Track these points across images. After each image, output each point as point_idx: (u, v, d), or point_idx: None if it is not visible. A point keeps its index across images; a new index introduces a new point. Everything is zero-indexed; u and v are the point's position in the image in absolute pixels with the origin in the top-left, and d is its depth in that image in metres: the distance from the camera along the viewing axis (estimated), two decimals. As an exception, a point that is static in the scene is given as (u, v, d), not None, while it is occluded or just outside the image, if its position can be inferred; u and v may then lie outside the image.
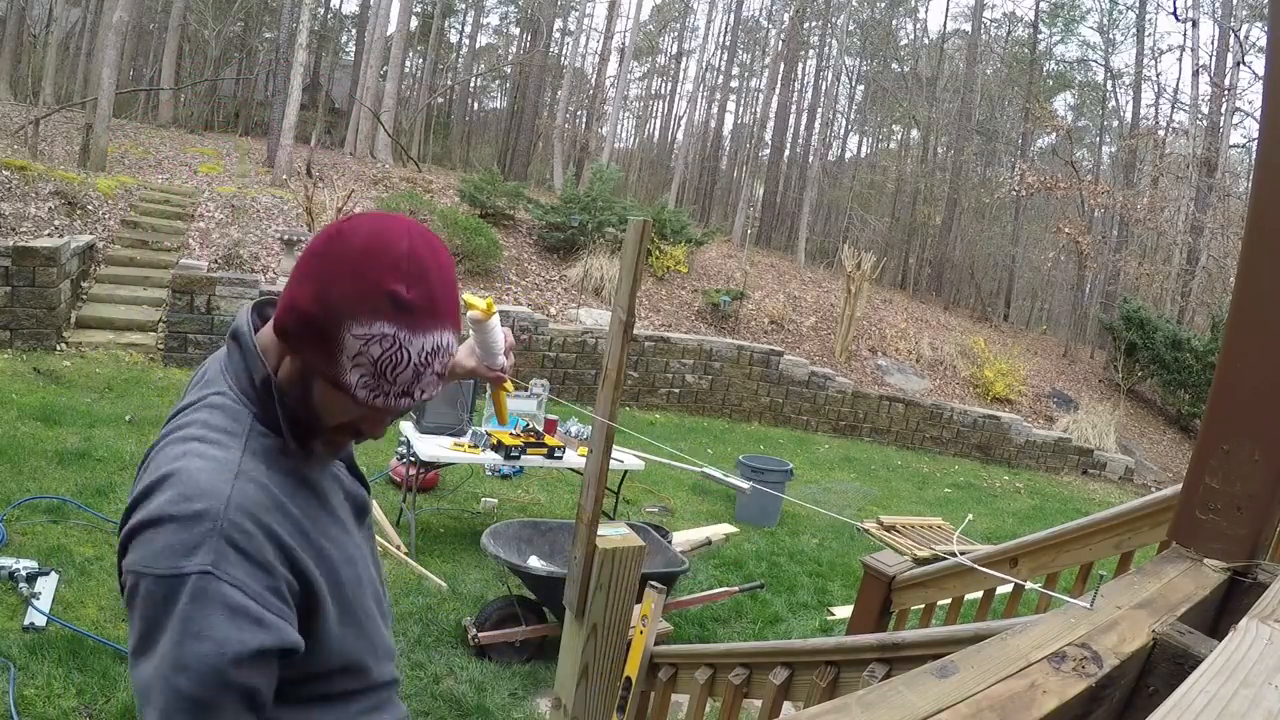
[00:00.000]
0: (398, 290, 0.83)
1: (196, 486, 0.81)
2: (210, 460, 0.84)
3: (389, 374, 0.85)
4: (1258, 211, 1.19)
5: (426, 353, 0.86)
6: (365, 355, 0.84)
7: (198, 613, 0.78)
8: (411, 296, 0.84)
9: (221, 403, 0.90)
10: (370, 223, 0.87)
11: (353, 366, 0.84)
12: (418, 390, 0.89)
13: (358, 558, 1.02)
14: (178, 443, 0.87)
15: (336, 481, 1.03)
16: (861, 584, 2.72)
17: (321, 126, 19.10)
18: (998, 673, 0.80)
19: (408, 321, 0.84)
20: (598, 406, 2.18)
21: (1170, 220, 18.82)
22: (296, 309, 0.85)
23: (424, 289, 0.85)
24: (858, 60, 27.86)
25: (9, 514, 3.90)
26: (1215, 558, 1.17)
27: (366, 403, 0.87)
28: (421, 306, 0.85)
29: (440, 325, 0.87)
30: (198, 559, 0.79)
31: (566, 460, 4.73)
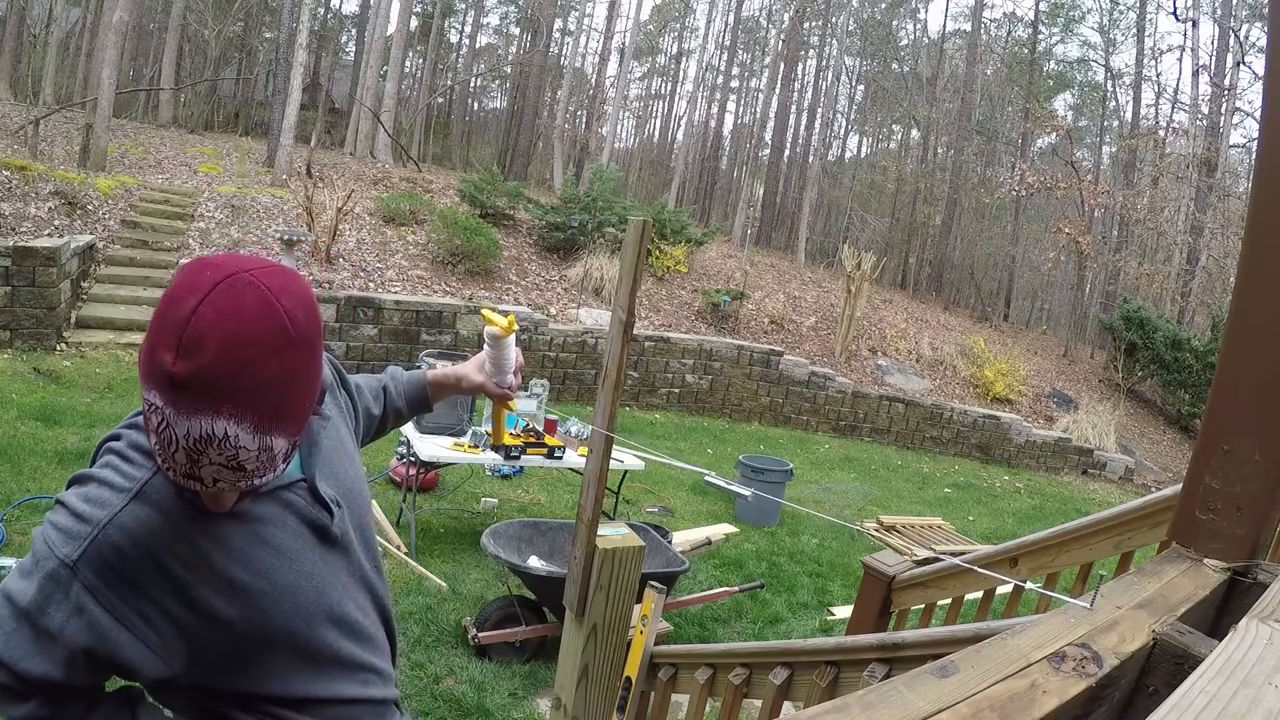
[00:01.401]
0: (164, 360, 0.73)
1: (97, 495, 0.88)
2: (118, 474, 0.89)
3: (167, 450, 0.78)
4: (1258, 211, 1.19)
5: (195, 439, 0.76)
6: (150, 422, 0.78)
7: (48, 592, 0.84)
8: (178, 371, 0.73)
9: (121, 449, 0.94)
10: (192, 269, 0.77)
11: (148, 428, 0.80)
12: (200, 478, 0.79)
13: (302, 586, 0.97)
14: (109, 453, 0.94)
15: (287, 508, 0.97)
16: (861, 584, 2.72)
17: (321, 126, 19.09)
18: (998, 673, 0.80)
19: (171, 399, 0.74)
20: (598, 407, 2.18)
21: (1170, 220, 18.82)
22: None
23: (196, 366, 0.73)
24: (858, 60, 27.86)
25: (9, 514, 3.90)
26: (1215, 558, 1.17)
27: (167, 473, 0.83)
28: (191, 386, 0.73)
29: (216, 412, 0.75)
30: (65, 550, 0.85)
31: (566, 460, 4.73)
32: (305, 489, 1.00)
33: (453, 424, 4.78)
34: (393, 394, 1.40)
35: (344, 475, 1.08)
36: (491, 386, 1.37)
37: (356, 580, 1.07)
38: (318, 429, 1.05)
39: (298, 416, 0.84)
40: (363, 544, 1.10)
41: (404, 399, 1.41)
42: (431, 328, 8.68)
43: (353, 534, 1.07)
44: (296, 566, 0.97)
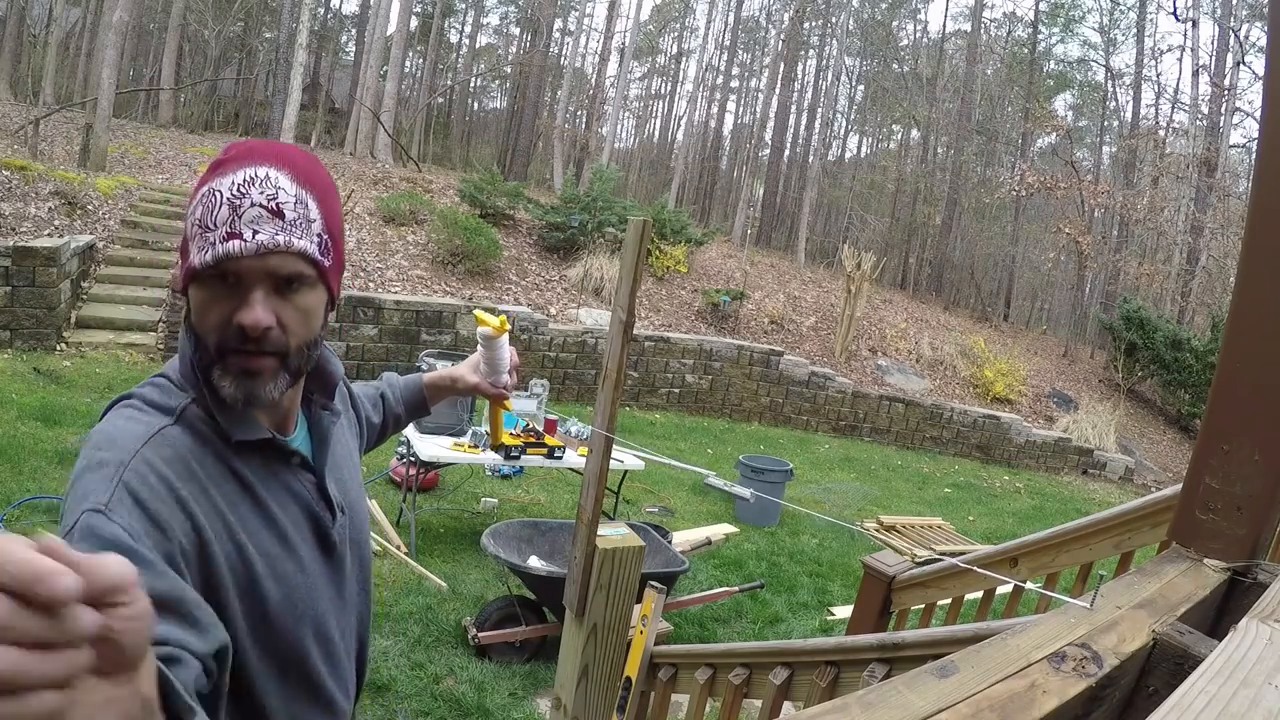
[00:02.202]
0: (217, 157, 0.84)
1: (109, 440, 0.79)
2: (130, 422, 0.82)
3: (211, 221, 0.81)
4: (1258, 211, 1.19)
5: (239, 184, 0.82)
6: (194, 221, 0.82)
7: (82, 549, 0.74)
8: (226, 154, 0.84)
9: (160, 382, 0.87)
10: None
11: (193, 242, 0.82)
12: (242, 225, 0.81)
13: (298, 582, 0.90)
14: (124, 407, 0.85)
15: (291, 496, 0.92)
16: (861, 584, 2.72)
17: (321, 126, 19.11)
18: (998, 673, 0.80)
19: (218, 170, 0.83)
20: (598, 407, 2.18)
21: (1170, 220, 18.82)
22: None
23: (240, 147, 0.85)
24: (858, 60, 27.86)
25: (9, 514, 3.90)
26: (1215, 558, 1.17)
27: (202, 265, 0.81)
28: (232, 155, 0.84)
29: (253, 161, 0.83)
30: (92, 500, 0.74)
31: (566, 460, 4.73)
32: (312, 482, 0.96)
33: (453, 424, 4.78)
34: (390, 401, 1.39)
35: (348, 484, 1.04)
36: (487, 387, 1.37)
37: (343, 598, 1.00)
38: (328, 425, 1.01)
39: (329, 202, 0.89)
40: (356, 561, 1.04)
41: (402, 405, 1.41)
42: (431, 328, 8.69)
43: (349, 546, 1.02)
44: (294, 557, 0.91)
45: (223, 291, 0.82)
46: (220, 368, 0.84)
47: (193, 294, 0.84)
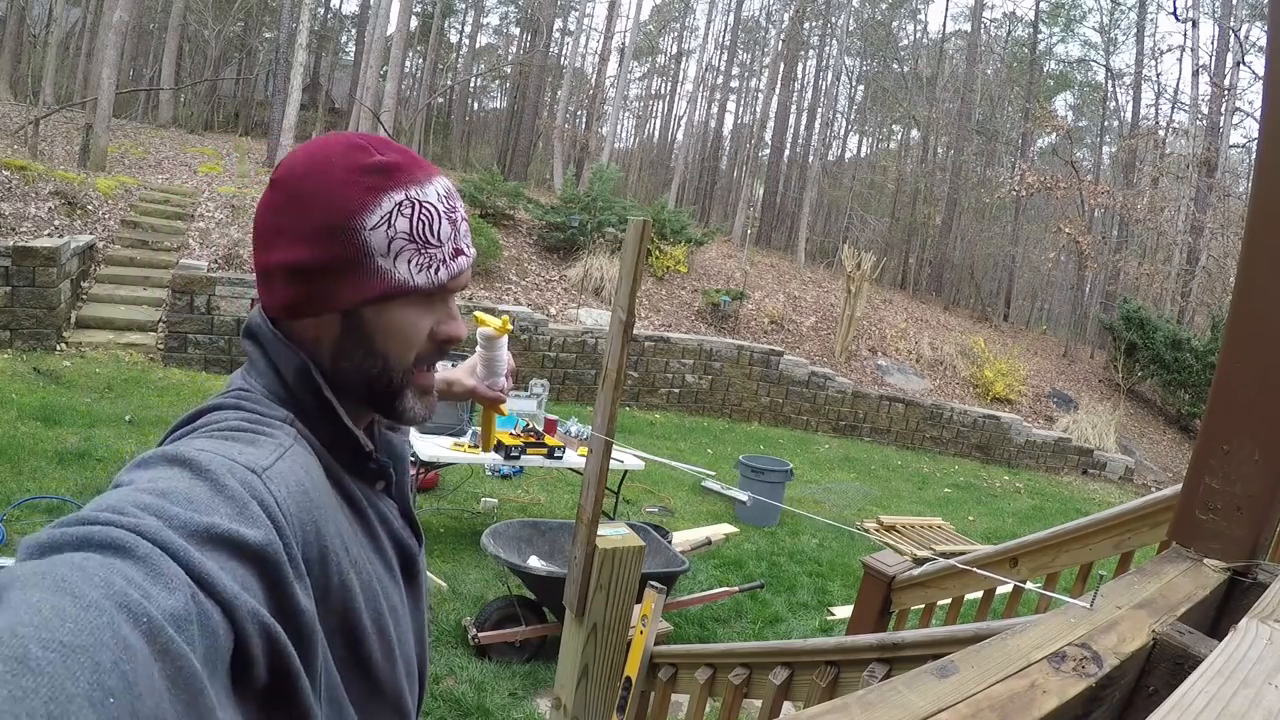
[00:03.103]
0: (375, 160, 0.73)
1: (229, 458, 0.60)
2: (247, 445, 0.64)
3: (431, 234, 0.75)
4: (1258, 211, 1.19)
5: (444, 196, 0.76)
6: (397, 234, 0.73)
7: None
8: (391, 157, 0.74)
9: (252, 397, 0.73)
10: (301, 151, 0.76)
11: (394, 257, 0.73)
12: (463, 241, 0.78)
13: (399, 613, 0.81)
14: (221, 414, 0.69)
15: (384, 523, 0.83)
16: (861, 584, 2.72)
17: (321, 126, 19.11)
18: (998, 673, 0.80)
19: (406, 178, 0.74)
20: (598, 407, 2.18)
21: (1170, 220, 18.82)
22: (295, 267, 0.72)
23: (393, 149, 0.76)
24: (858, 60, 27.86)
25: (9, 514, 3.90)
26: (1215, 558, 1.17)
27: (432, 285, 0.75)
28: (405, 160, 0.75)
29: (431, 170, 0.78)
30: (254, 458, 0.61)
31: (566, 460, 4.73)
32: (396, 509, 0.86)
33: (453, 424, 4.78)
34: None
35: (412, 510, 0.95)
36: (483, 390, 1.33)
37: (419, 625, 0.90)
38: (400, 446, 0.94)
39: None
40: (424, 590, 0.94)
41: None
42: (431, 328, 8.68)
43: (423, 576, 0.93)
44: (395, 587, 0.81)
45: (428, 307, 0.78)
46: (413, 390, 0.79)
47: (387, 313, 0.75)
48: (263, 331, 0.76)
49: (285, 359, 0.75)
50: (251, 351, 0.77)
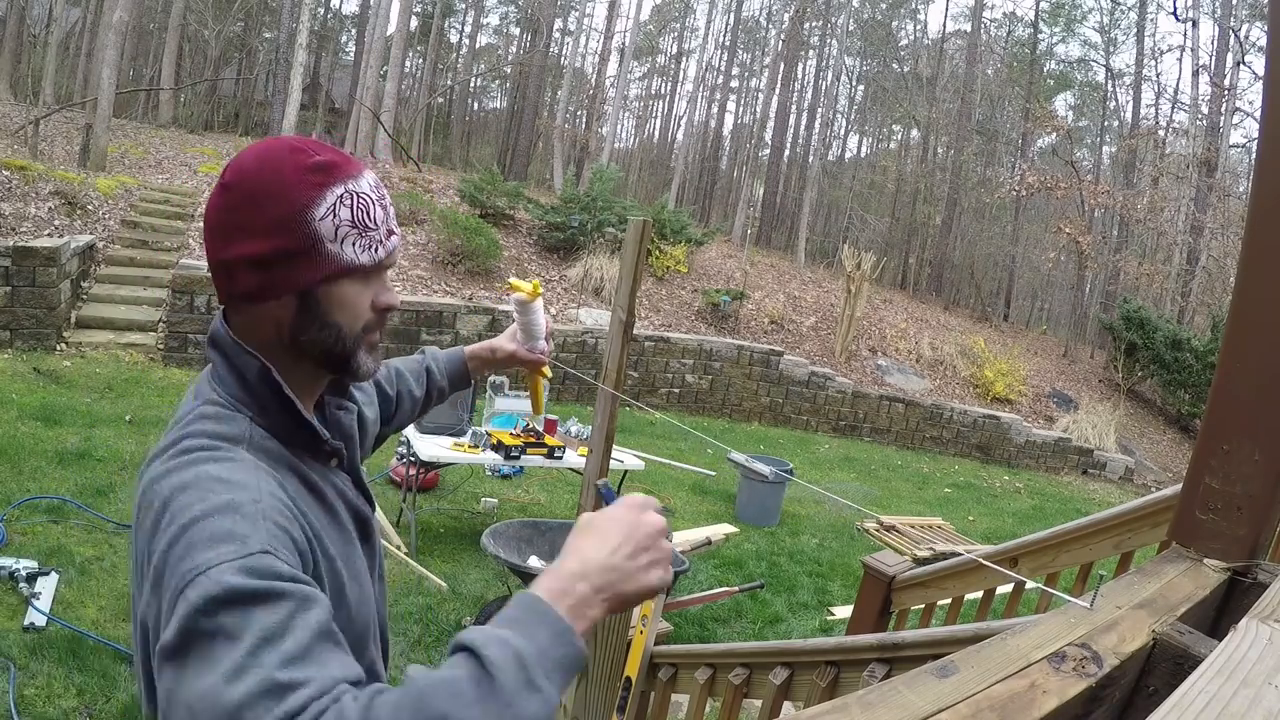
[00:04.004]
0: (315, 160, 0.84)
1: (221, 482, 0.73)
2: (225, 463, 0.76)
3: (369, 219, 0.87)
4: (1258, 211, 1.19)
5: (374, 186, 0.88)
6: (341, 221, 0.84)
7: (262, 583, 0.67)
8: (327, 156, 0.86)
9: (214, 412, 0.83)
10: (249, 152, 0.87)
11: (340, 242, 0.84)
12: (392, 223, 0.91)
13: (364, 579, 0.93)
14: (182, 468, 0.76)
15: (340, 495, 0.94)
16: (861, 584, 2.72)
17: (321, 126, 19.11)
18: (998, 673, 0.80)
19: (342, 173, 0.86)
20: (598, 406, 2.18)
21: (1170, 220, 18.82)
22: (254, 260, 0.82)
23: (327, 150, 0.87)
24: (858, 60, 27.86)
25: (9, 514, 3.90)
26: (1215, 558, 1.17)
27: (372, 262, 0.87)
28: (339, 159, 0.87)
29: (359, 164, 0.89)
30: (254, 541, 0.68)
31: (566, 460, 4.73)
32: (349, 479, 0.97)
33: (453, 424, 4.78)
34: (435, 374, 1.40)
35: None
36: (524, 354, 1.39)
37: (378, 581, 1.02)
38: (349, 425, 1.02)
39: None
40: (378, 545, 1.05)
41: (445, 378, 1.42)
42: (432, 328, 8.69)
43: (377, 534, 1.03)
44: (357, 554, 0.93)
45: (368, 282, 0.89)
46: (364, 351, 0.91)
47: (337, 290, 0.86)
48: (225, 341, 0.87)
49: (246, 364, 0.86)
50: (216, 360, 0.88)
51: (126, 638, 3.13)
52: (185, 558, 0.66)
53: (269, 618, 0.62)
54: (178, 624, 0.63)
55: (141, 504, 0.77)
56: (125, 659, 2.98)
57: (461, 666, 0.61)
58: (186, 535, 0.68)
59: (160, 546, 0.69)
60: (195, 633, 0.62)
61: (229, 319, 0.89)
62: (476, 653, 0.61)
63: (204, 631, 0.62)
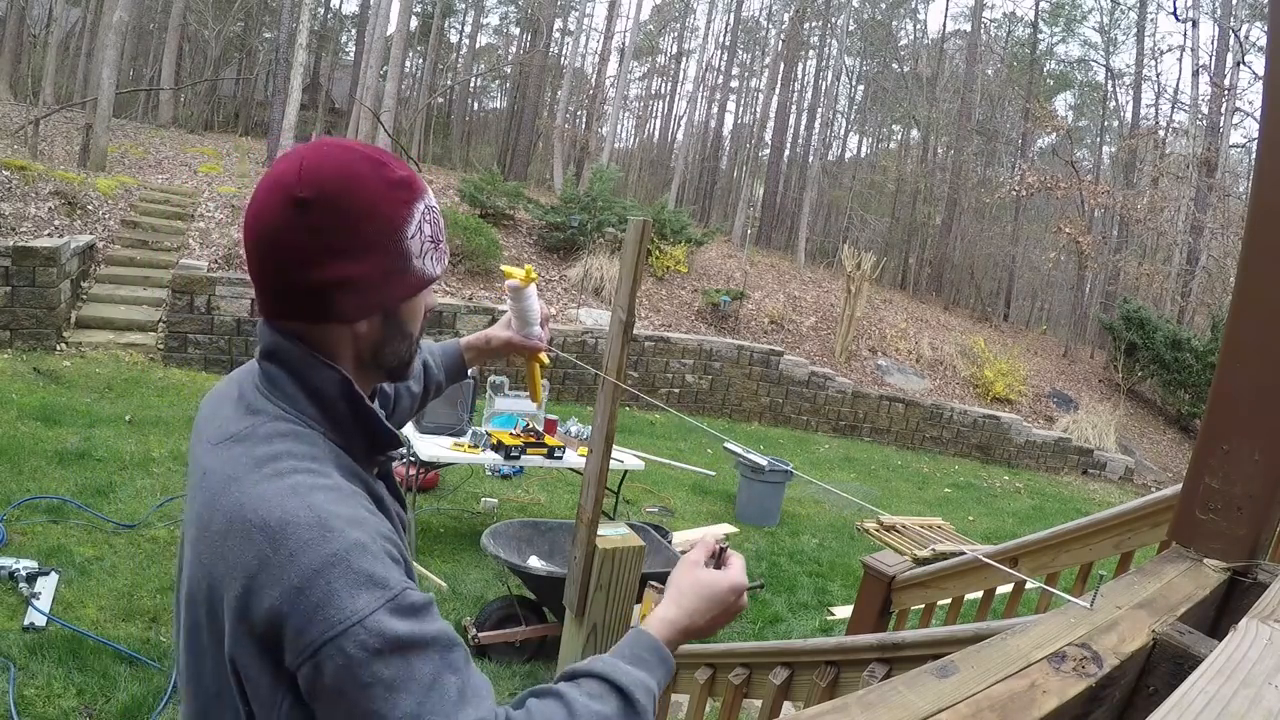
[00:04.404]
0: (398, 175, 0.83)
1: (337, 516, 0.70)
2: (325, 489, 0.73)
3: (441, 233, 0.89)
4: (1258, 211, 1.19)
5: (433, 197, 0.90)
6: (425, 238, 0.85)
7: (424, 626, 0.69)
8: (405, 171, 0.85)
9: (289, 429, 0.78)
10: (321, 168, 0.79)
11: (424, 257, 0.85)
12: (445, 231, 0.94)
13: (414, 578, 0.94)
14: (269, 479, 0.73)
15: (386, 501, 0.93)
16: (861, 584, 2.72)
17: (321, 126, 19.11)
18: (998, 673, 0.80)
19: (420, 189, 0.85)
20: (598, 406, 2.18)
21: (1170, 220, 18.81)
22: (353, 281, 0.79)
23: (399, 162, 0.86)
24: (858, 60, 27.86)
25: (9, 514, 3.90)
26: (1215, 558, 1.17)
27: (441, 274, 0.90)
28: (410, 171, 0.86)
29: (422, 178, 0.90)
30: (393, 581, 0.68)
31: (566, 460, 4.73)
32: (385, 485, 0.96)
33: (453, 424, 4.78)
34: (433, 369, 1.40)
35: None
36: (520, 340, 1.39)
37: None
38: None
39: None
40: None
41: (442, 371, 1.42)
42: (431, 328, 8.69)
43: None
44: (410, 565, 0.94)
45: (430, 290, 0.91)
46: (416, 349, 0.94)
47: (416, 300, 0.88)
48: (290, 353, 0.81)
49: (325, 378, 0.81)
50: (276, 374, 0.81)
51: (126, 638, 3.13)
52: (312, 619, 0.65)
53: (427, 666, 0.67)
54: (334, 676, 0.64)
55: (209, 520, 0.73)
56: (125, 659, 2.98)
57: (611, 703, 0.74)
58: (307, 595, 0.66)
59: (271, 598, 0.66)
60: (358, 685, 0.64)
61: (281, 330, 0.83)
62: (629, 696, 0.75)
63: (366, 683, 0.64)
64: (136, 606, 3.39)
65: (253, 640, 0.68)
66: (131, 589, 3.51)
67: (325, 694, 0.65)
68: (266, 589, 0.66)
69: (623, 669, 0.77)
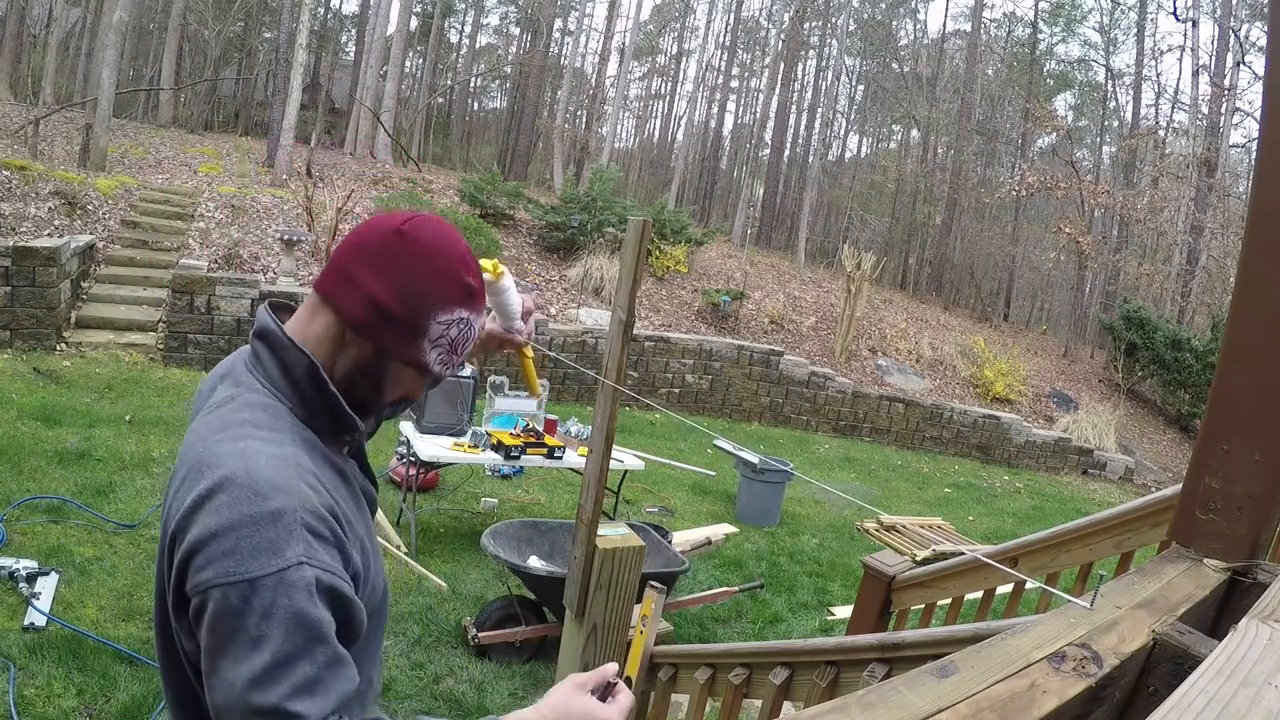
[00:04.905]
0: (470, 282, 0.97)
1: (268, 483, 0.80)
2: (270, 457, 0.83)
3: (460, 349, 0.99)
4: (1258, 211, 1.19)
5: (480, 326, 1.01)
6: (446, 337, 0.96)
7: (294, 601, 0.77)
8: (478, 285, 0.99)
9: (259, 400, 0.91)
10: (429, 225, 0.96)
11: (433, 348, 0.96)
12: (467, 355, 1.03)
13: (377, 551, 1.02)
14: (227, 441, 0.84)
15: (355, 477, 1.03)
16: (861, 584, 2.72)
17: (321, 126, 19.10)
18: (998, 673, 0.80)
19: (476, 306, 0.99)
20: (598, 406, 2.18)
21: (1170, 220, 18.81)
22: (378, 305, 0.91)
23: (478, 278, 1.00)
24: (858, 60, 27.85)
25: (9, 514, 3.90)
26: (1215, 558, 1.17)
27: (438, 374, 0.99)
28: (479, 291, 0.99)
29: (485, 303, 1.03)
30: (290, 553, 0.78)
31: (566, 460, 4.73)
32: (355, 464, 1.04)
33: (453, 424, 4.78)
34: None
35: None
36: (499, 333, 1.40)
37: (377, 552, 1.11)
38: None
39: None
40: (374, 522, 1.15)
41: None
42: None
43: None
44: (371, 535, 1.01)
45: (422, 380, 1.00)
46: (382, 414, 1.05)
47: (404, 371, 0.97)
48: (276, 336, 0.94)
49: (295, 359, 0.93)
50: (261, 350, 0.94)
51: (127, 638, 3.13)
52: (215, 562, 0.77)
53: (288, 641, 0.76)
54: (213, 615, 0.76)
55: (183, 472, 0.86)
56: (125, 659, 2.98)
57: None
58: (220, 541, 0.78)
59: (192, 533, 0.79)
60: (230, 628, 0.76)
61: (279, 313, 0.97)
62: None
63: (235, 629, 0.75)
64: (136, 606, 3.39)
65: (172, 562, 0.82)
66: (131, 589, 3.51)
67: (204, 626, 0.77)
68: (190, 529, 0.79)
69: None
